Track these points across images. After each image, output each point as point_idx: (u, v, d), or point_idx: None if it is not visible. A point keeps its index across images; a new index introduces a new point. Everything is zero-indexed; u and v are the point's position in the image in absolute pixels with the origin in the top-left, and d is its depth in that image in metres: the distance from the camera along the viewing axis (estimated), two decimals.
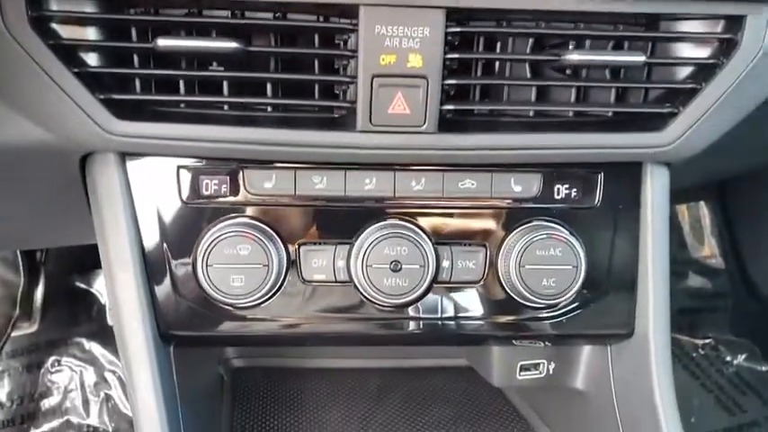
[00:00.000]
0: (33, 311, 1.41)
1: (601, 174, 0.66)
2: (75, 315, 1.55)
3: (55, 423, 1.45)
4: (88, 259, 1.54)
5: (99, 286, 1.56)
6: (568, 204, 0.66)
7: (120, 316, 0.63)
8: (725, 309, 1.79)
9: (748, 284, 1.66)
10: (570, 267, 0.65)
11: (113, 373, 1.53)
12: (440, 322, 0.68)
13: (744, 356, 1.75)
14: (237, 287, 0.62)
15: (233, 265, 0.61)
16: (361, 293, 0.64)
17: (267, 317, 0.65)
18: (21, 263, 1.28)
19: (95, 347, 1.54)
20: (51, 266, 1.48)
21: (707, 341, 1.77)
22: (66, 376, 1.51)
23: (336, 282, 0.65)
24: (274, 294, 0.64)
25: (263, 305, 0.64)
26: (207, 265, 0.61)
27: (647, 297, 0.68)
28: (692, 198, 1.81)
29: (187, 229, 0.63)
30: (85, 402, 1.49)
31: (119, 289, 0.63)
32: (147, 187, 0.63)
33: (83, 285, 1.56)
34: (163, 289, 0.64)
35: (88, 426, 1.46)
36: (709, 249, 1.83)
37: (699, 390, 1.68)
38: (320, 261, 0.64)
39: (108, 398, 1.50)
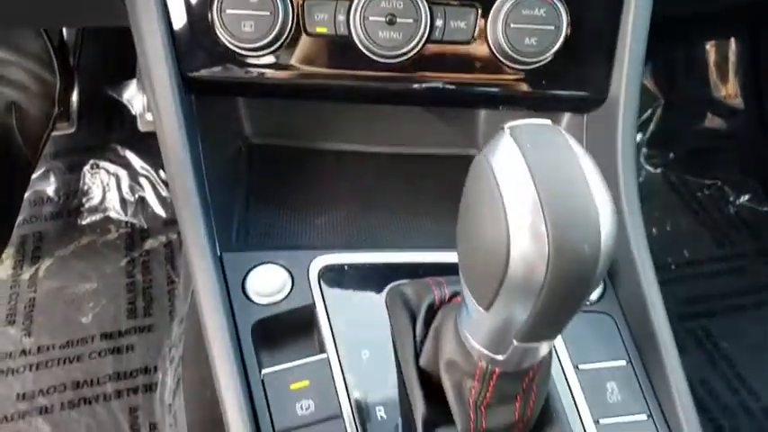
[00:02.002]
0: (71, 113, 1.52)
1: None
2: (108, 122, 1.68)
3: (97, 217, 1.62)
4: (118, 70, 1.63)
5: (129, 96, 1.66)
6: None
7: (149, 65, 0.71)
8: (737, 149, 1.80)
9: (765, 125, 1.66)
10: (552, 28, 0.70)
11: (146, 177, 1.67)
12: (431, 82, 0.75)
13: (747, 197, 1.79)
14: (248, 32, 0.69)
15: (243, 11, 0.68)
16: (359, 47, 0.71)
17: (274, 64, 0.72)
18: (56, 64, 1.37)
19: (129, 153, 1.67)
20: (84, 74, 1.58)
21: (713, 182, 1.81)
22: (103, 178, 1.65)
23: (336, 35, 0.71)
24: (281, 43, 0.71)
25: (270, 53, 0.72)
26: (221, 11, 0.69)
27: (622, 63, 0.74)
28: (723, 34, 1.76)
29: None
30: (122, 202, 1.64)
31: (146, 39, 0.70)
32: None
33: (114, 95, 1.66)
34: (183, 36, 0.71)
35: (126, 222, 1.62)
36: (732, 89, 1.81)
37: (694, 224, 1.76)
38: (322, 15, 0.71)
39: (142, 199, 1.65)
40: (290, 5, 0.69)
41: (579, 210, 0.40)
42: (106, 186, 1.64)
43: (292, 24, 0.70)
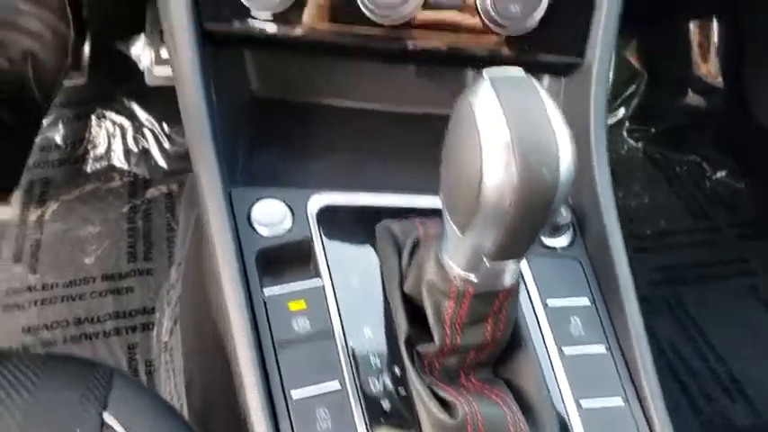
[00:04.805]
0: (82, 64, 1.57)
1: None
2: (116, 75, 1.72)
3: (102, 165, 1.69)
4: (128, 25, 1.68)
5: (137, 51, 1.71)
6: None
7: (171, 17, 0.77)
8: (716, 127, 1.87)
9: (743, 104, 1.72)
10: None
11: (150, 130, 1.73)
12: (424, 42, 0.82)
13: (723, 173, 1.87)
14: None
15: None
16: (361, 7, 0.78)
17: (284, 21, 0.79)
18: (70, 16, 1.42)
19: (135, 106, 1.73)
20: (95, 27, 1.63)
21: (692, 157, 1.89)
22: (109, 128, 1.72)
23: None
24: (292, 2, 0.78)
25: (281, 10, 0.78)
26: None
27: (597, 32, 0.81)
28: (706, 15, 1.82)
29: None
30: (126, 152, 1.71)
31: None
32: None
33: (123, 49, 1.71)
34: None
35: (130, 171, 1.69)
36: (713, 68, 1.87)
37: (671, 197, 1.84)
38: None
39: (145, 151, 1.72)
40: None
41: (543, 145, 0.48)
42: (111, 136, 1.70)
43: None
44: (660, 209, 1.81)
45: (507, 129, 0.48)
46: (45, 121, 1.64)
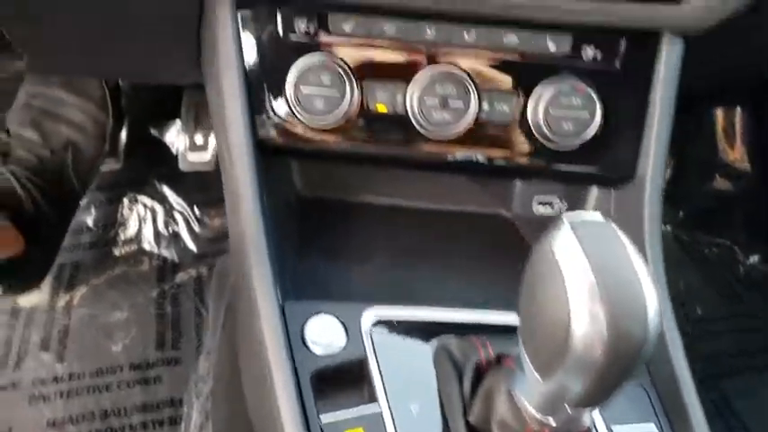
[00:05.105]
0: (119, 151, 1.60)
1: (623, 39, 0.78)
2: (150, 159, 1.75)
3: (132, 248, 1.68)
4: (162, 112, 1.72)
5: (170, 138, 1.75)
6: (593, 65, 0.78)
7: (227, 128, 0.78)
8: (745, 211, 1.86)
9: None
10: (587, 114, 0.78)
11: (181, 213, 1.74)
12: (475, 156, 0.82)
13: (756, 258, 1.85)
14: (319, 108, 0.77)
15: (317, 90, 0.76)
16: (414, 124, 0.79)
17: (338, 135, 0.80)
18: (110, 106, 1.46)
19: (166, 189, 1.74)
20: (132, 115, 1.66)
21: (722, 241, 1.87)
22: (140, 211, 1.72)
23: (395, 113, 0.79)
24: (346, 118, 0.79)
25: (336, 125, 0.79)
26: (297, 89, 0.76)
27: (649, 146, 0.81)
28: (729, 103, 1.84)
29: (282, 59, 0.77)
30: (157, 235, 1.71)
31: (228, 105, 0.78)
32: (252, 24, 0.77)
33: (157, 135, 1.74)
34: (261, 106, 0.79)
35: (159, 255, 1.69)
36: (738, 153, 1.89)
37: (702, 282, 1.80)
38: (383, 95, 0.79)
39: (176, 234, 1.72)
40: (356, 87, 0.77)
41: (631, 297, 0.47)
42: (142, 220, 1.71)
43: (357, 102, 0.78)
44: (693, 293, 1.77)
45: (593, 278, 0.47)
46: None
